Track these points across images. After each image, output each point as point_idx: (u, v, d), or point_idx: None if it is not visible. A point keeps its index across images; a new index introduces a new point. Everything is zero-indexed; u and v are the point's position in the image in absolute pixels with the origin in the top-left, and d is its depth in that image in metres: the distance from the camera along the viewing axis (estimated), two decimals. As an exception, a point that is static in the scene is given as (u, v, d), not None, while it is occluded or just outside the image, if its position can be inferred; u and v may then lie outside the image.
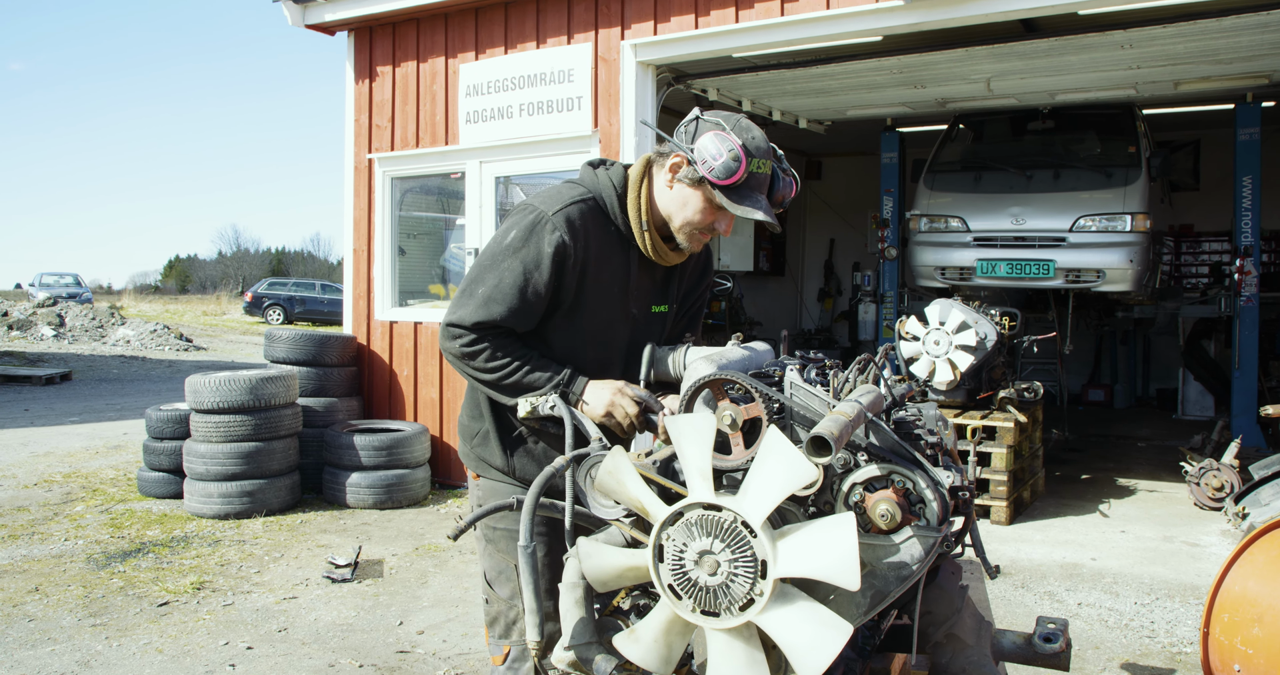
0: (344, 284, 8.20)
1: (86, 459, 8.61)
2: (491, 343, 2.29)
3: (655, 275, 2.49)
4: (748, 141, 2.21)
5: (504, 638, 2.51)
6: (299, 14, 7.73)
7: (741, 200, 2.22)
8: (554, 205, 2.30)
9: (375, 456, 6.82)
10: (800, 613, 1.64)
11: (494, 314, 2.27)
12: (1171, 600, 4.87)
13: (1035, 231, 7.75)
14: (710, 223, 2.32)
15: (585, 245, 2.31)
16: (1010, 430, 6.41)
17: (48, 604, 4.80)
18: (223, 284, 54.21)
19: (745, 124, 2.25)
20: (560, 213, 2.29)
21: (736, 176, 2.18)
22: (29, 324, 21.54)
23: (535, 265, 2.27)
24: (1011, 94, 8.26)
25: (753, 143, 2.22)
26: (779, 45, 6.41)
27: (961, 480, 1.83)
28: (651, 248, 2.38)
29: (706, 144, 2.20)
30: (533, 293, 2.28)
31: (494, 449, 2.47)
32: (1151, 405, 11.68)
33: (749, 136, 2.22)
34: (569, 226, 2.28)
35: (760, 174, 2.24)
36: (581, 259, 2.31)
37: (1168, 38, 6.34)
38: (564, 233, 2.27)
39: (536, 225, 2.29)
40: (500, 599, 2.50)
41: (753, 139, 2.23)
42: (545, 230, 2.28)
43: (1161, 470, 7.84)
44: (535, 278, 2.28)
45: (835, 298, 14.55)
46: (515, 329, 2.32)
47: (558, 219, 2.28)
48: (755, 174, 2.22)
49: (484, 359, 2.29)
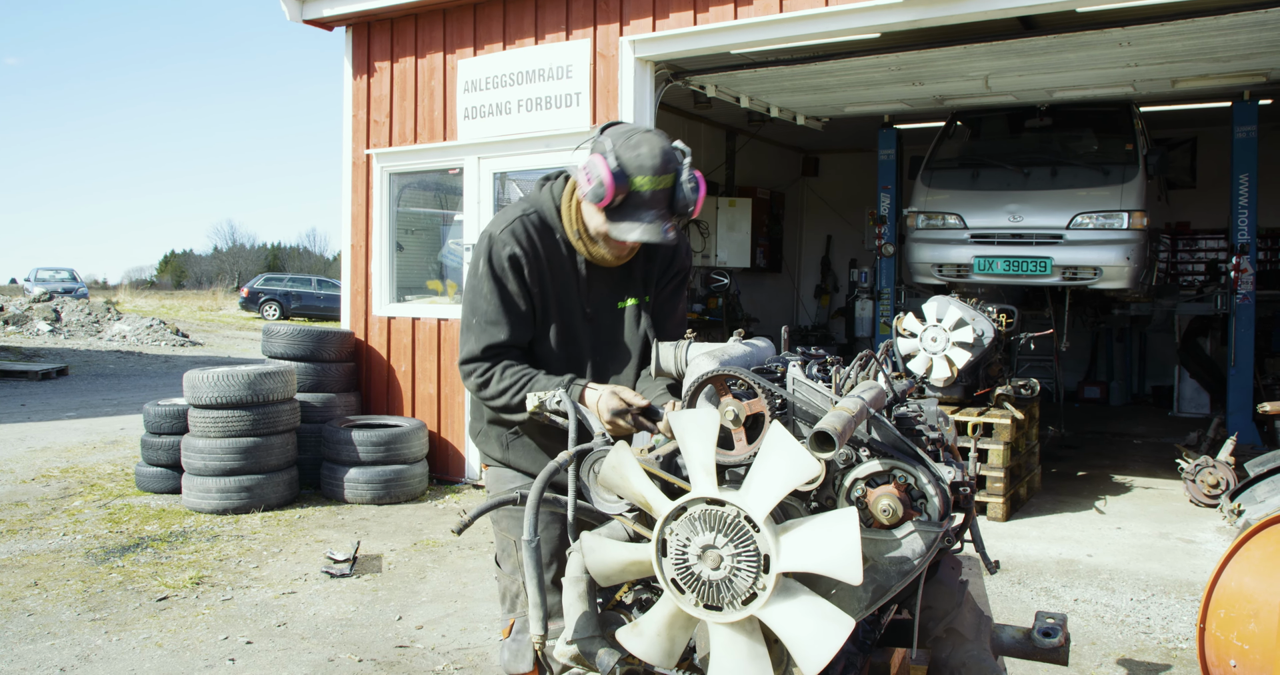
0: (342, 279, 8.19)
1: (84, 454, 8.60)
2: (500, 368, 2.44)
3: (613, 274, 2.57)
4: (629, 161, 2.27)
5: (510, 611, 2.66)
6: (297, 9, 7.72)
7: (621, 219, 2.32)
8: (500, 225, 2.48)
9: (373, 452, 6.83)
10: (802, 607, 1.65)
11: (497, 336, 2.45)
12: (1167, 596, 4.90)
13: (1032, 229, 7.76)
14: (621, 242, 2.40)
15: (535, 255, 2.46)
16: (1007, 427, 6.44)
17: (47, 599, 4.80)
18: (219, 279, 54.10)
19: (636, 140, 2.30)
20: (506, 229, 2.46)
21: (606, 200, 2.27)
22: (25, 319, 21.49)
23: (504, 279, 2.45)
24: (1009, 91, 8.27)
25: (636, 161, 2.27)
26: (777, 42, 6.42)
27: (962, 476, 1.85)
28: (589, 253, 2.50)
29: (587, 166, 2.29)
30: (516, 304, 2.47)
31: (493, 443, 2.66)
32: (1147, 402, 11.73)
33: (633, 155, 2.27)
34: (515, 239, 2.44)
35: (643, 192, 2.29)
36: (535, 267, 2.47)
37: (1165, 35, 6.36)
38: (513, 245, 2.44)
39: (491, 247, 2.46)
40: (505, 574, 2.67)
41: (637, 157, 2.27)
42: (498, 247, 2.45)
43: (1157, 467, 7.88)
44: (510, 289, 2.45)
45: (832, 294, 14.57)
46: (520, 344, 2.49)
47: (504, 235, 2.45)
48: (636, 193, 2.29)
49: (494, 383, 2.44)
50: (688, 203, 2.34)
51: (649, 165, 2.28)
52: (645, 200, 2.30)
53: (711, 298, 12.18)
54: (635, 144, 2.29)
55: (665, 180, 2.30)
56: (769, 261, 13.40)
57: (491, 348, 2.45)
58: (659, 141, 2.31)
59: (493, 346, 2.45)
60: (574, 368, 2.56)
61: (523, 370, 2.44)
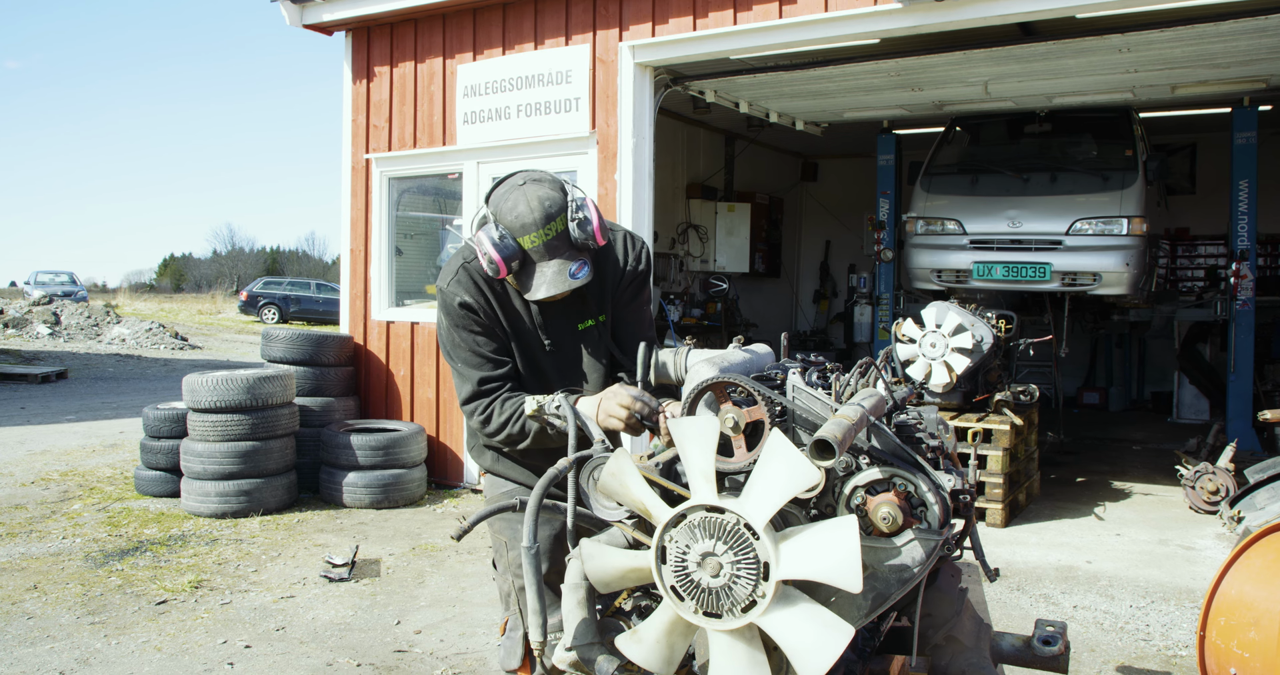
0: (341, 284, 8.19)
1: (83, 457, 8.60)
2: (498, 402, 2.49)
3: (566, 300, 2.56)
4: (511, 224, 2.35)
5: (506, 610, 2.72)
6: (297, 14, 7.72)
7: (527, 279, 2.39)
8: (446, 278, 2.55)
9: (372, 456, 6.82)
10: (802, 614, 1.65)
11: (484, 373, 2.52)
12: (1167, 603, 4.90)
13: (1032, 234, 7.76)
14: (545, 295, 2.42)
15: (485, 299, 2.52)
16: (1006, 433, 6.44)
17: (46, 602, 4.80)
18: (218, 283, 54.05)
19: (513, 199, 2.36)
20: (452, 281, 2.53)
21: (502, 272, 2.37)
22: (24, 322, 21.48)
23: (467, 326, 2.52)
24: (1009, 97, 8.28)
25: (517, 222, 2.35)
26: (777, 47, 6.43)
27: (962, 483, 1.85)
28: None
29: (477, 242, 2.39)
30: (485, 342, 2.53)
31: (485, 457, 2.73)
32: (1146, 408, 11.72)
33: (513, 217, 2.35)
34: (463, 288, 2.51)
35: (537, 246, 2.35)
36: (488, 311, 2.53)
37: (1165, 42, 6.37)
38: (462, 294, 2.51)
39: (445, 301, 2.54)
40: (499, 575, 2.73)
41: (517, 218, 2.35)
42: (449, 299, 2.52)
43: (1157, 473, 7.87)
44: (475, 333, 2.52)
45: (831, 299, 14.56)
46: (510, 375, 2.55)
47: (452, 287, 2.52)
48: (531, 249, 2.36)
49: (495, 418, 2.49)
50: (586, 238, 2.39)
51: (530, 221, 2.34)
52: (542, 253, 2.36)
53: (710, 303, 12.18)
54: (512, 203, 2.36)
55: (553, 228, 2.36)
56: (768, 266, 13.40)
57: (485, 381, 2.52)
58: (535, 191, 2.36)
59: (485, 380, 2.52)
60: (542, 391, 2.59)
61: (518, 397, 2.50)
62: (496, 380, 2.51)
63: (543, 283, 2.36)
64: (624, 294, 2.67)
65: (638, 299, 2.72)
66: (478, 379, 2.51)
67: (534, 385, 2.60)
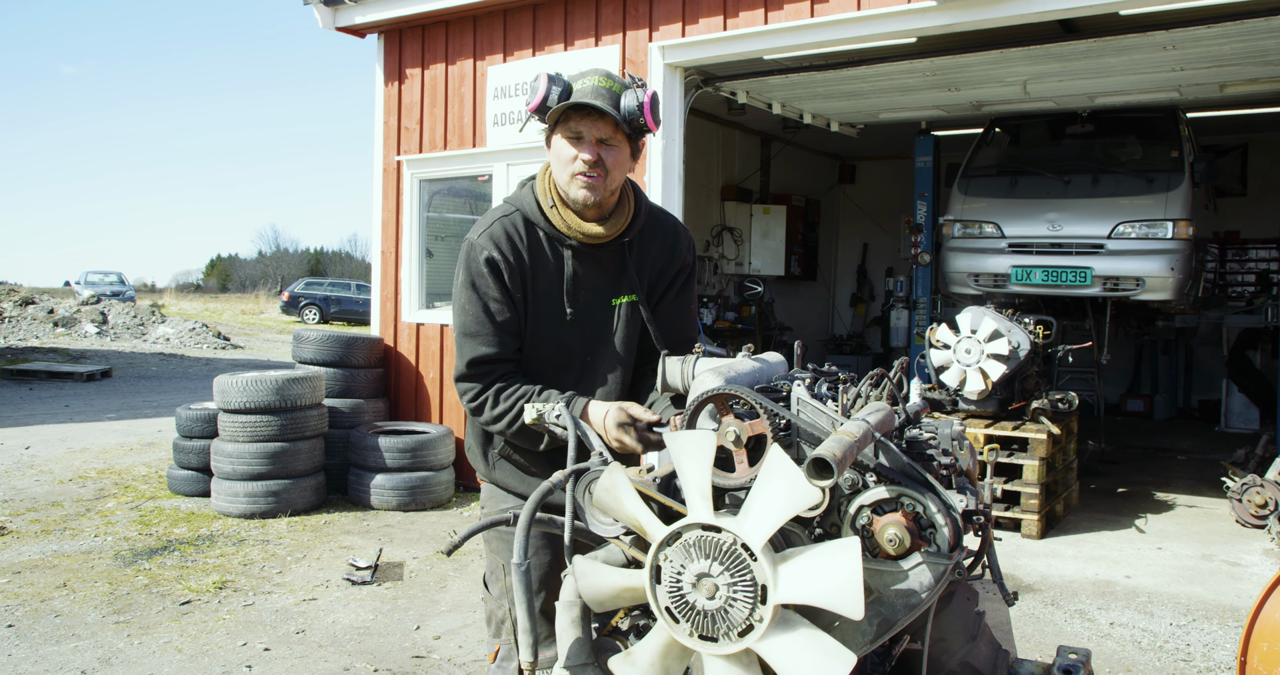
0: (372, 285, 8.22)
1: (121, 455, 8.71)
2: (493, 392, 2.39)
3: (606, 267, 2.50)
4: (552, 75, 2.32)
5: (495, 636, 2.57)
6: (329, 17, 7.76)
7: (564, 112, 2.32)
8: (478, 230, 2.44)
9: (400, 458, 6.82)
10: (801, 641, 1.57)
11: (479, 349, 2.39)
12: (1209, 622, 4.72)
13: (1072, 238, 7.56)
14: (574, 154, 2.35)
15: (518, 255, 2.40)
16: (1043, 442, 6.26)
17: (74, 600, 4.84)
18: (262, 283, 54.89)
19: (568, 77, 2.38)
20: (484, 234, 2.41)
21: (541, 92, 2.28)
22: (73, 321, 21.93)
23: (484, 287, 2.39)
24: (1049, 97, 8.08)
25: (577, 76, 2.36)
26: (809, 47, 6.32)
27: (976, 503, 1.75)
28: (567, 223, 2.42)
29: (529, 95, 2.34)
30: (497, 311, 2.40)
31: (481, 462, 2.59)
32: (1193, 417, 11.40)
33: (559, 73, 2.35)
34: (494, 243, 2.39)
35: (585, 87, 2.32)
36: (518, 268, 2.40)
37: (1212, 38, 6.15)
38: (491, 250, 2.38)
39: (469, 254, 2.42)
40: (492, 598, 2.57)
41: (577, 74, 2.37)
42: (476, 253, 2.40)
43: (1202, 485, 7.63)
44: (489, 296, 2.39)
45: (868, 303, 14.37)
46: (507, 356, 2.41)
47: (483, 240, 2.40)
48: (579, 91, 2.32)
49: (488, 409, 2.39)
50: (636, 112, 2.33)
51: (588, 72, 2.37)
52: (586, 93, 2.31)
53: (745, 306, 12.06)
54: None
55: (607, 84, 2.33)
56: (804, 269, 13.24)
57: (476, 363, 2.38)
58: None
59: (477, 361, 2.38)
60: (562, 369, 2.48)
61: (518, 392, 2.37)
62: (493, 361, 2.39)
63: (581, 96, 2.30)
64: (672, 284, 2.60)
65: (685, 293, 2.64)
66: (471, 354, 2.38)
67: (553, 357, 2.48)
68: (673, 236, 2.59)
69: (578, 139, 2.34)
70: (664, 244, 2.57)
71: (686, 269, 2.61)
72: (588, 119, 2.32)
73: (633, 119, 2.34)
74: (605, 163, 2.35)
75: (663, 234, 2.57)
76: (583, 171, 2.34)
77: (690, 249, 2.64)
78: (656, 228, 2.56)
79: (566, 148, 2.34)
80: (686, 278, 2.62)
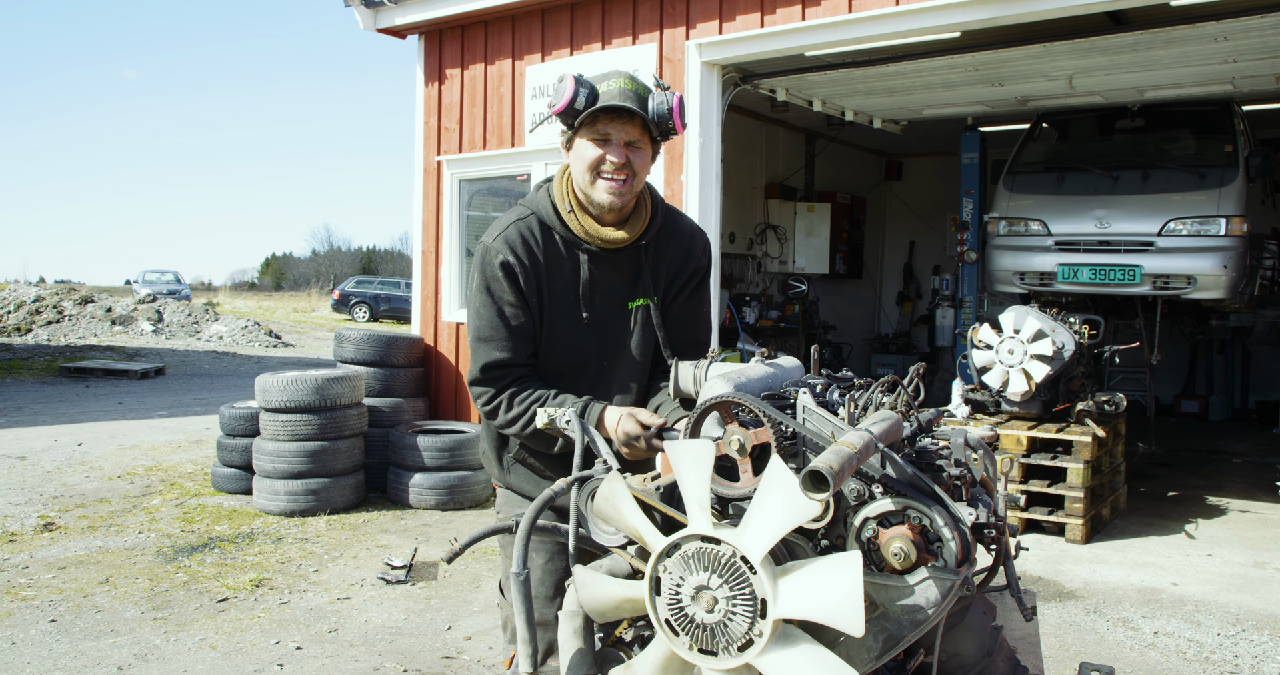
0: (413, 285, 8.29)
1: (168, 453, 8.90)
2: (507, 396, 2.37)
3: (622, 270, 2.47)
4: (578, 77, 2.28)
5: (511, 642, 2.59)
6: (370, 19, 7.84)
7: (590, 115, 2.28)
8: (494, 233, 2.41)
9: (438, 457, 6.87)
10: (802, 657, 1.53)
11: (492, 354, 2.37)
12: (1260, 632, 4.56)
13: (1121, 235, 7.36)
14: (600, 156, 2.32)
15: (533, 259, 2.38)
16: (1087, 445, 6.10)
17: (115, 596, 4.94)
18: (314, 282, 55.83)
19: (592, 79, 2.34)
20: (499, 237, 2.39)
21: (569, 94, 2.24)
22: (130, 319, 22.48)
23: (499, 291, 2.37)
24: (1096, 91, 7.88)
25: (600, 77, 2.32)
26: (848, 43, 6.24)
27: (989, 515, 1.69)
28: (584, 229, 2.40)
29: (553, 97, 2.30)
30: (512, 315, 2.37)
31: (495, 466, 2.58)
32: (1250, 418, 11.03)
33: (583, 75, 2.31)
34: (510, 247, 2.37)
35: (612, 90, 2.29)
36: (534, 272, 2.38)
37: (1265, 29, 5.95)
38: (506, 254, 2.36)
39: (485, 258, 2.39)
40: (508, 603, 2.59)
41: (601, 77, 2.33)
42: (492, 257, 2.37)
43: (1257, 489, 7.38)
44: (504, 300, 2.37)
45: (915, 302, 14.16)
46: (521, 361, 2.40)
47: (498, 243, 2.38)
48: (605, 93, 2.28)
49: (502, 413, 2.38)
50: (664, 115, 2.30)
51: (613, 74, 2.33)
52: (614, 95, 2.28)
53: (788, 305, 11.95)
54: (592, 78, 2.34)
55: (633, 86, 2.31)
56: (849, 268, 13.08)
57: (490, 367, 2.37)
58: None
59: (490, 365, 2.37)
60: (578, 372, 2.46)
61: (532, 396, 2.35)
62: (507, 366, 2.37)
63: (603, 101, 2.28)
64: (685, 286, 2.57)
65: (698, 295, 2.61)
66: (485, 359, 2.37)
67: (568, 361, 2.46)
68: (688, 239, 2.56)
69: (605, 141, 2.31)
70: (679, 246, 2.54)
71: (701, 271, 2.59)
72: (617, 121, 2.30)
73: (662, 121, 2.32)
74: (633, 165, 2.33)
75: (678, 236, 2.55)
76: (610, 175, 2.32)
77: (705, 252, 2.62)
78: (672, 230, 2.54)
79: (592, 150, 2.32)
80: (700, 280, 2.59)
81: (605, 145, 2.31)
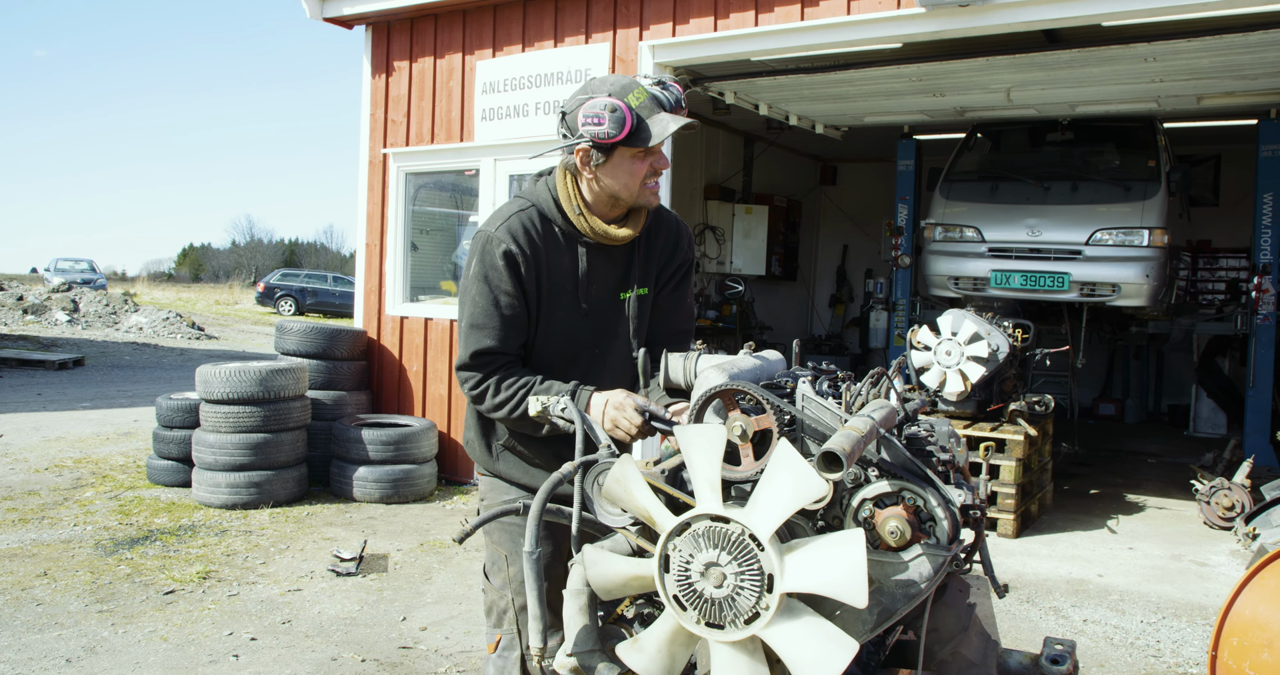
0: (356, 278, 8.21)
1: (97, 445, 8.65)
2: (494, 380, 2.40)
3: (616, 262, 2.55)
4: (613, 90, 2.30)
5: (496, 627, 2.59)
6: (317, 7, 7.75)
7: (640, 133, 2.30)
8: (496, 222, 2.44)
9: (383, 451, 6.83)
10: (806, 628, 1.63)
11: (483, 341, 2.40)
12: (1178, 619, 4.84)
13: (1051, 244, 7.69)
14: (646, 164, 2.38)
15: (534, 250, 2.42)
16: (1020, 443, 6.38)
17: (55, 589, 4.82)
18: (236, 274, 54.38)
19: (596, 82, 2.35)
20: (502, 226, 2.42)
21: (628, 123, 2.26)
22: (43, 309, 21.66)
23: (497, 280, 2.39)
24: (1031, 104, 8.21)
25: (616, 86, 2.31)
26: (798, 50, 6.40)
27: (972, 498, 1.82)
28: (593, 229, 2.45)
29: (587, 119, 2.28)
30: (506, 305, 2.41)
31: (482, 453, 2.61)
32: (1163, 421, 11.61)
33: (610, 86, 2.32)
34: (512, 237, 2.40)
35: (642, 104, 2.31)
36: (534, 263, 2.42)
37: (1192, 52, 6.29)
38: (509, 243, 2.39)
39: (485, 246, 2.42)
40: (494, 588, 2.60)
41: (615, 84, 2.32)
42: (493, 246, 2.40)
43: (1171, 487, 7.79)
44: (501, 289, 2.40)
45: (847, 304, 14.50)
46: (510, 351, 2.43)
47: (500, 232, 2.41)
48: (639, 107, 2.30)
49: (489, 397, 2.41)
50: (675, 96, 2.37)
51: (628, 81, 2.35)
52: (650, 107, 2.32)
53: (725, 305, 12.14)
54: (600, 83, 2.35)
55: (643, 91, 2.35)
56: (784, 269, 13.34)
57: (480, 354, 2.40)
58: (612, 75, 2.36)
59: (480, 353, 2.40)
60: (571, 361, 2.51)
61: (520, 381, 2.39)
62: (495, 354, 2.41)
63: (660, 122, 2.31)
64: (671, 277, 2.65)
65: (682, 287, 2.69)
66: (475, 346, 2.40)
67: (562, 351, 2.51)
68: (675, 232, 2.66)
69: (649, 152, 2.38)
70: (668, 239, 2.63)
71: (687, 263, 2.68)
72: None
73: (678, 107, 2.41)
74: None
75: (667, 229, 2.64)
76: (655, 186, 2.43)
77: (690, 245, 2.72)
78: (660, 224, 2.63)
79: (639, 164, 2.37)
80: (685, 272, 2.69)
81: (650, 154, 2.38)
